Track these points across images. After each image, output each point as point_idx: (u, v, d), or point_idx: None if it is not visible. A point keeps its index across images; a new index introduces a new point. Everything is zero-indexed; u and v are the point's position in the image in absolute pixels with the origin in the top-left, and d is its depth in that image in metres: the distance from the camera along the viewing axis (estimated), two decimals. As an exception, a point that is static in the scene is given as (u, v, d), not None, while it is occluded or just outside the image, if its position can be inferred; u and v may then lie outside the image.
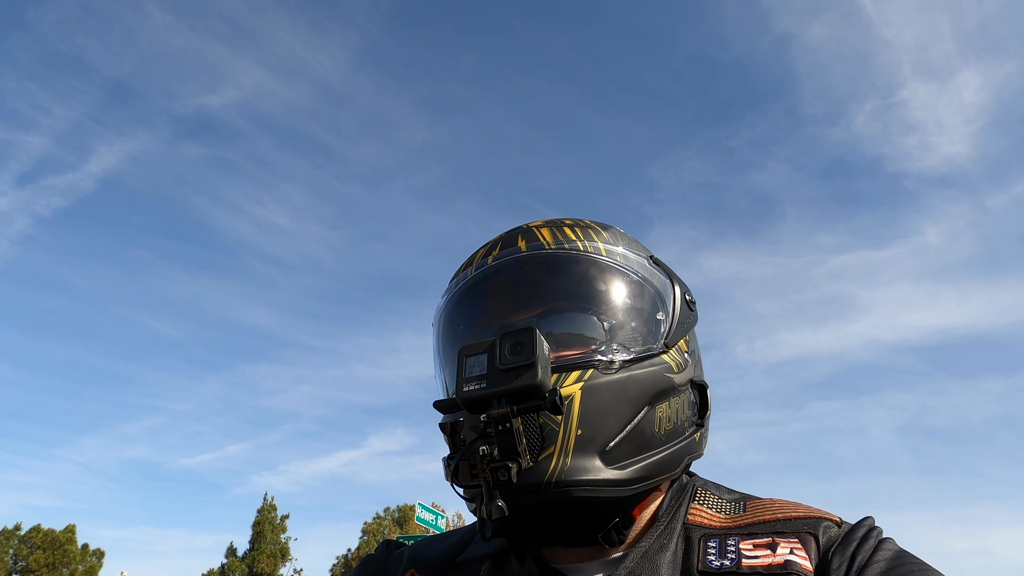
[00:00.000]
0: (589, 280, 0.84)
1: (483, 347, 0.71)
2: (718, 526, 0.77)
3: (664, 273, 0.90)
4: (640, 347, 0.81)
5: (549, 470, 0.70)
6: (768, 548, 0.71)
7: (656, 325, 0.84)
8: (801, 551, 0.70)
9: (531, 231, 0.89)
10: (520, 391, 0.67)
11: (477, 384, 0.69)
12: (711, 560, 0.72)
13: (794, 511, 0.76)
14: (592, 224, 0.91)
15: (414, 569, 0.88)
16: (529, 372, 0.67)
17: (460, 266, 0.95)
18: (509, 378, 0.68)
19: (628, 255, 0.87)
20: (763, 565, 0.69)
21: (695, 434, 0.85)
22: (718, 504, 0.81)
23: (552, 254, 0.85)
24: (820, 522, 0.74)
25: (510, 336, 0.70)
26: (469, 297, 0.89)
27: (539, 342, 0.69)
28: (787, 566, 0.69)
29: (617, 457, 0.74)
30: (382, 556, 0.94)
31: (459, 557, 0.87)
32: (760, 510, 0.78)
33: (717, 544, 0.74)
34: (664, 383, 0.80)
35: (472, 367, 0.70)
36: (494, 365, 0.69)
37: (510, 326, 0.84)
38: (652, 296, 0.86)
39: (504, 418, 0.66)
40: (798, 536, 0.72)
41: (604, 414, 0.74)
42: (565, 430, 0.72)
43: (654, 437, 0.78)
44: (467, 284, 0.89)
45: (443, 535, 0.95)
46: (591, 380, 0.74)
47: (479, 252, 0.92)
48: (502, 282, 0.86)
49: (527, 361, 0.68)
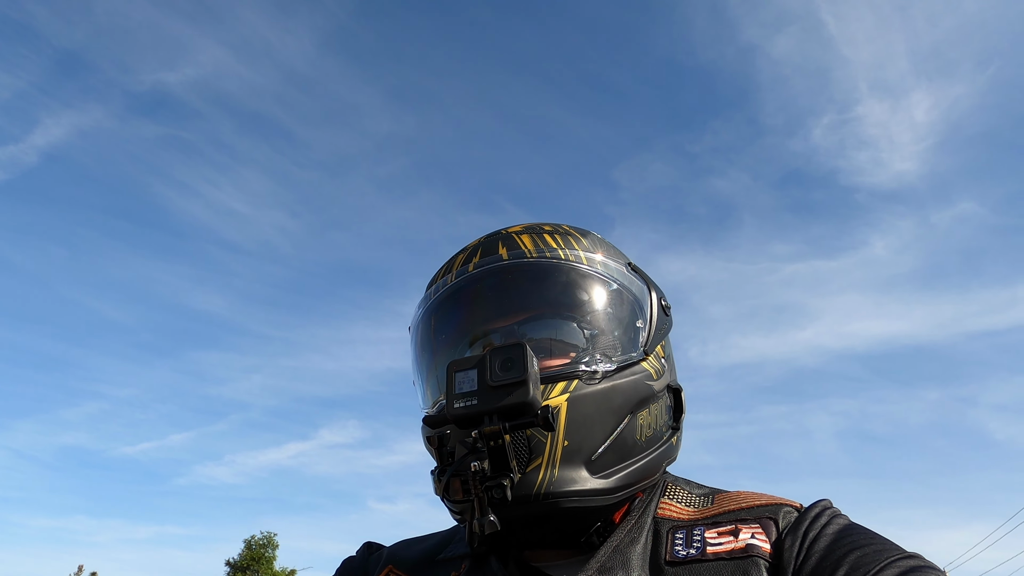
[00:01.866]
0: (570, 288, 0.85)
1: (472, 362, 0.71)
2: (686, 518, 0.79)
3: (642, 280, 0.92)
4: (621, 356, 0.82)
5: (537, 482, 0.72)
6: (731, 535, 0.74)
7: (635, 333, 0.86)
8: (762, 535, 0.73)
9: (511, 237, 0.90)
10: (512, 408, 0.68)
11: (467, 401, 0.69)
12: (678, 550, 0.74)
13: (757, 500, 0.80)
14: (571, 231, 0.92)
15: (392, 566, 0.89)
16: (521, 389, 0.68)
17: (437, 271, 0.94)
18: (500, 395, 0.68)
19: (608, 263, 0.89)
20: (726, 551, 0.72)
21: (672, 438, 0.88)
22: (687, 499, 0.84)
23: (534, 262, 0.86)
24: (780, 508, 0.77)
25: (500, 352, 0.70)
26: (450, 304, 0.89)
27: (530, 358, 0.69)
28: (748, 549, 0.72)
29: (602, 466, 0.76)
30: (362, 557, 0.95)
31: (439, 556, 0.88)
32: (726, 502, 0.81)
33: (684, 535, 0.76)
34: (645, 391, 0.82)
35: (462, 383, 0.70)
36: (484, 381, 0.69)
37: (493, 334, 0.85)
38: (631, 303, 0.88)
39: (496, 435, 0.67)
40: (759, 521, 0.75)
41: (589, 424, 0.75)
42: (552, 442, 0.73)
43: (635, 444, 0.80)
44: (448, 291, 0.89)
45: (422, 537, 0.96)
46: (576, 391, 0.76)
47: (458, 258, 0.92)
48: (484, 289, 0.87)
49: (519, 378, 0.68)
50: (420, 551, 0.90)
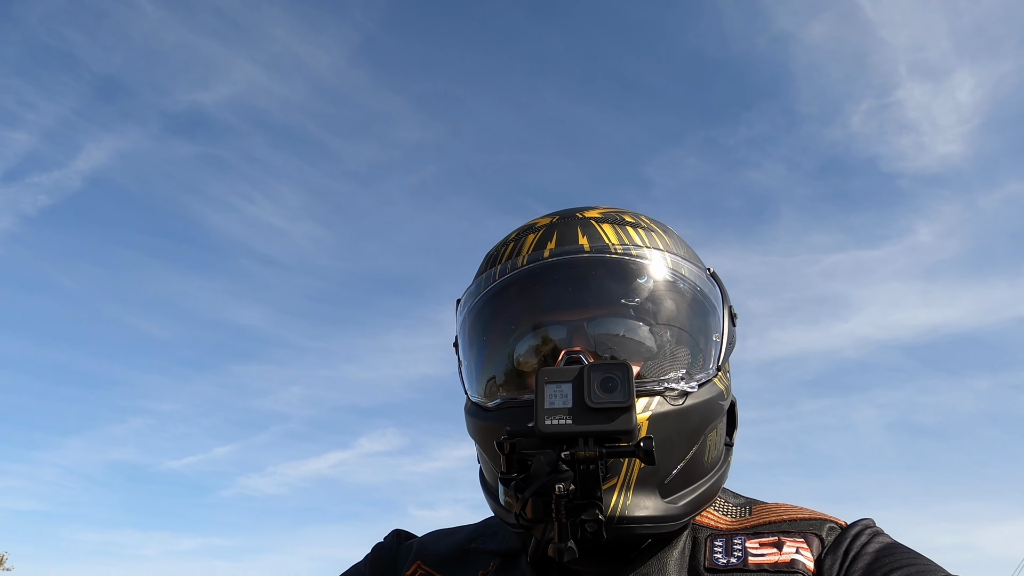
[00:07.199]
0: (655, 292, 0.79)
1: (568, 375, 0.65)
2: (725, 528, 0.77)
3: (719, 289, 0.86)
4: (700, 372, 0.78)
5: (611, 505, 0.68)
6: (774, 547, 0.72)
7: (711, 346, 0.81)
8: (807, 550, 0.71)
9: (591, 225, 0.82)
10: (612, 435, 0.63)
11: (561, 419, 0.63)
12: (717, 558, 0.72)
13: (799, 513, 0.78)
14: (654, 225, 0.86)
15: (420, 561, 0.85)
16: (624, 416, 0.63)
17: (501, 248, 0.86)
18: (600, 419, 0.63)
19: (692, 268, 0.82)
20: (769, 563, 0.70)
21: (729, 456, 0.84)
22: (724, 507, 0.82)
23: (618, 260, 0.79)
24: (824, 523, 0.75)
25: (600, 369, 0.65)
26: (519, 289, 0.82)
27: (633, 382, 0.64)
28: (793, 565, 0.70)
29: (672, 490, 0.73)
30: (391, 546, 0.91)
31: (471, 546, 0.85)
32: (766, 513, 0.79)
33: (724, 543, 0.74)
34: (717, 411, 0.78)
35: (553, 397, 0.64)
36: (582, 400, 0.64)
37: (559, 326, 0.79)
38: (709, 315, 0.83)
39: (591, 460, 0.61)
40: (803, 536, 0.73)
41: (668, 446, 0.71)
42: (629, 463, 0.69)
43: (703, 466, 0.77)
44: (519, 275, 0.81)
45: (453, 529, 0.92)
46: (657, 409, 0.71)
47: (528, 239, 0.83)
48: (560, 280, 0.79)
49: (623, 404, 0.63)
50: (450, 545, 0.87)
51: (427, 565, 0.84)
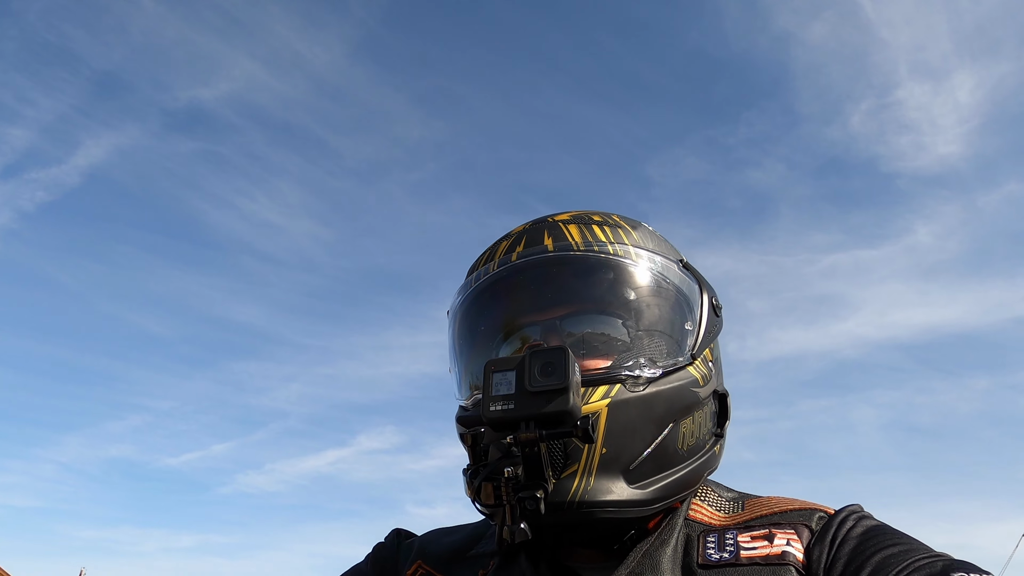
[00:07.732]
0: (617, 285, 0.81)
1: (511, 363, 0.68)
2: (718, 524, 0.77)
3: (693, 278, 0.87)
4: (666, 360, 0.78)
5: (572, 489, 0.69)
6: (765, 539, 0.72)
7: (684, 335, 0.82)
8: (797, 541, 0.71)
9: (558, 227, 0.86)
10: (550, 417, 0.65)
11: (504, 404, 0.66)
12: (710, 554, 0.72)
13: (790, 505, 0.78)
14: (622, 222, 0.88)
15: (421, 560, 0.87)
16: (561, 398, 0.65)
17: (480, 257, 0.91)
18: (539, 402, 0.65)
19: (658, 259, 0.84)
20: (761, 556, 0.70)
21: (715, 446, 0.84)
22: (718, 503, 0.82)
23: (581, 256, 0.82)
24: (814, 513, 0.75)
25: (540, 355, 0.67)
26: (490, 294, 0.86)
27: (572, 364, 0.66)
28: (784, 556, 0.70)
29: (640, 476, 0.73)
30: (392, 546, 0.93)
31: (471, 551, 0.86)
32: (758, 507, 0.79)
33: (716, 538, 0.74)
34: (689, 398, 0.78)
35: (499, 384, 0.68)
36: (523, 385, 0.66)
37: (532, 327, 0.82)
38: (681, 304, 0.84)
39: (532, 442, 0.64)
40: (794, 527, 0.73)
41: (630, 433, 0.72)
42: (589, 448, 0.70)
43: (676, 454, 0.77)
44: (489, 280, 0.85)
45: (453, 528, 0.94)
46: (617, 397, 0.72)
47: (501, 246, 0.88)
48: (526, 281, 0.83)
49: (559, 385, 0.65)
50: (451, 544, 0.89)
51: (428, 564, 0.86)
